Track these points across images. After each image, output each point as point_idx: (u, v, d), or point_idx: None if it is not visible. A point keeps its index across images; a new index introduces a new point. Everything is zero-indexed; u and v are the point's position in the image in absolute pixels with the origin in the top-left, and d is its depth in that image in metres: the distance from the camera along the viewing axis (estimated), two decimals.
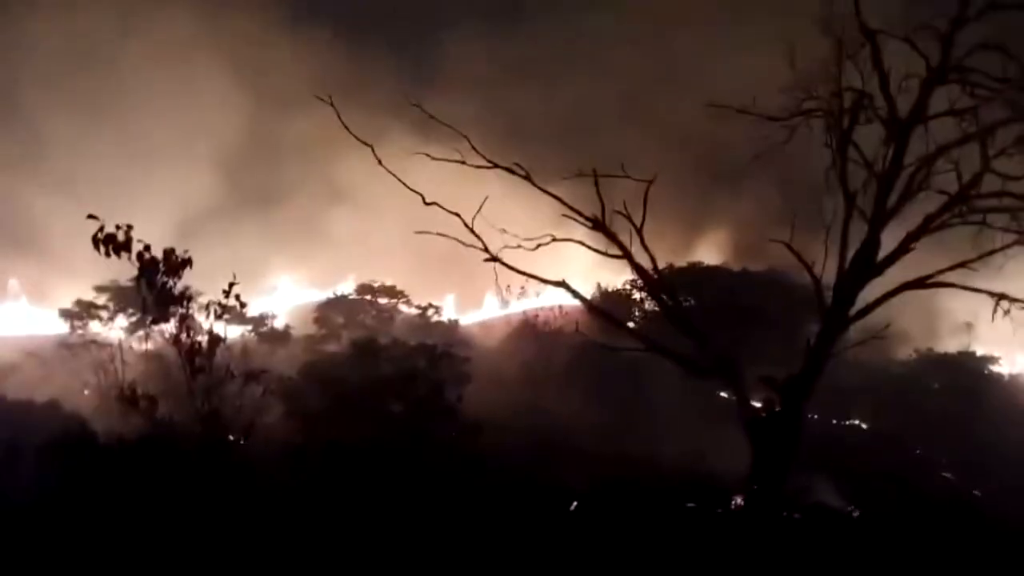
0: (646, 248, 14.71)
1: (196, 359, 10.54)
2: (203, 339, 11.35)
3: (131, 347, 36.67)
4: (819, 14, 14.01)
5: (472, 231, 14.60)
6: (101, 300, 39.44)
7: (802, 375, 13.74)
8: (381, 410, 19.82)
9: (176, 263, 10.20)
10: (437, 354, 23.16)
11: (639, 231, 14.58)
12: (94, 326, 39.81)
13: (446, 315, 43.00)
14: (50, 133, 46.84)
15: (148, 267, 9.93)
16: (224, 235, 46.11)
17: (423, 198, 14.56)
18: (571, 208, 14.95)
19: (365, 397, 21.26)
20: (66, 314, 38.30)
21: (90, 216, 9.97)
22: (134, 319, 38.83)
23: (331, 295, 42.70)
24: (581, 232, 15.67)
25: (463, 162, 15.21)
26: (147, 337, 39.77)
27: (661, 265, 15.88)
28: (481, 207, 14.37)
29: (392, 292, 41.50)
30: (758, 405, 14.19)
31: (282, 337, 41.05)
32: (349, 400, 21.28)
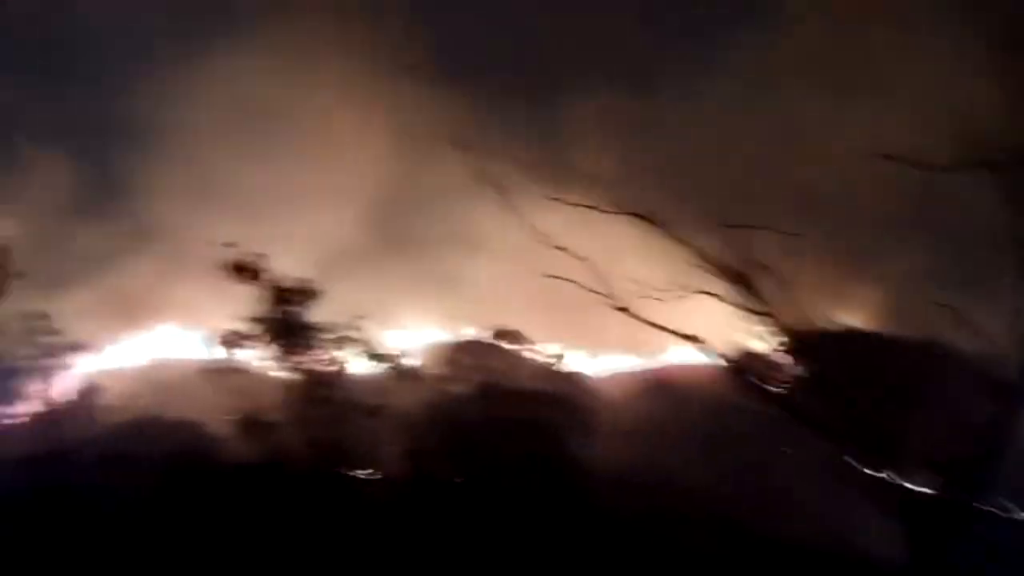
0: (791, 305, 13.78)
1: (318, 390, 10.62)
2: (331, 369, 11.44)
3: (272, 375, 38.47)
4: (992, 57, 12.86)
5: (600, 280, 14.24)
6: (247, 329, 41.58)
7: (974, 459, 12.26)
8: (497, 454, 19.50)
9: (304, 293, 10.38)
10: (558, 402, 22.63)
11: (784, 287, 13.69)
12: (242, 354, 41.95)
13: (573, 366, 42.42)
14: (214, 175, 50.35)
15: (278, 296, 10.16)
16: (363, 278, 47.88)
17: (549, 242, 14.38)
18: (709, 261, 14.30)
19: (482, 440, 21.09)
20: (215, 340, 40.65)
21: (226, 244, 10.35)
22: (275, 349, 40.78)
23: (461, 338, 43.17)
24: (718, 287, 15.01)
25: (595, 207, 15.00)
26: (284, 366, 42.26)
27: (806, 326, 14.86)
28: (612, 255, 14.00)
29: (519, 338, 41.44)
30: (915, 488, 12.77)
31: (414, 376, 41.79)
32: (466, 442, 21.25)
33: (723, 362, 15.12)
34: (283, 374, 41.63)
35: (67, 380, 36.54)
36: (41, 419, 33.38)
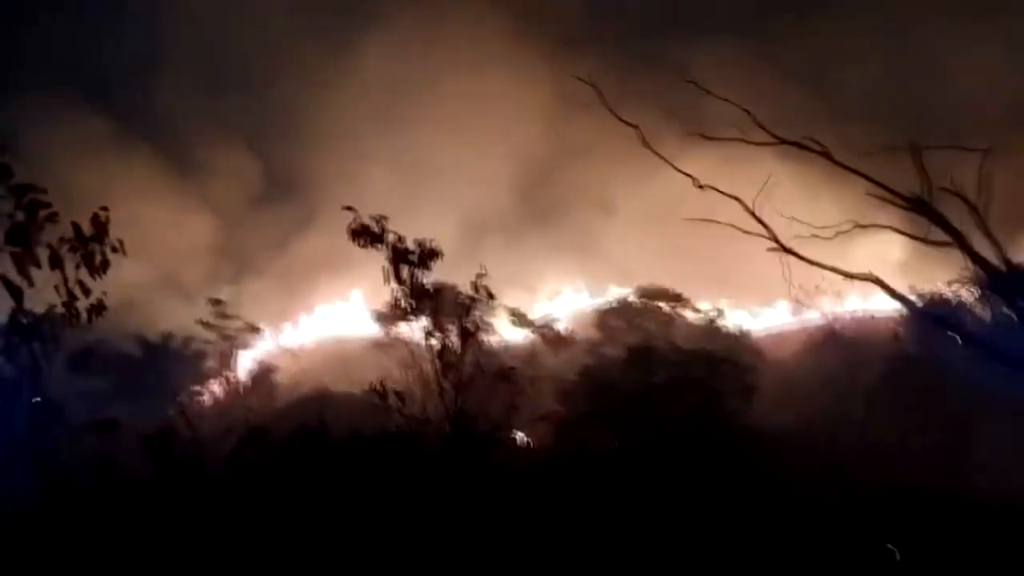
0: (988, 234, 11.56)
1: (445, 355, 9.90)
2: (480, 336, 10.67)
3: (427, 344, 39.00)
4: None
5: (755, 215, 12.56)
6: (404, 302, 42.26)
7: None
8: (651, 418, 18.23)
9: (427, 253, 9.64)
10: (716, 361, 21.01)
11: (977, 212, 11.49)
12: (401, 327, 42.68)
13: (732, 321, 40.04)
14: (370, 157, 51.79)
15: (399, 257, 9.50)
16: (508, 245, 47.77)
17: (695, 181, 12.88)
18: (882, 186, 12.25)
19: (635, 404, 19.86)
20: (378, 316, 41.64)
21: (346, 207, 9.80)
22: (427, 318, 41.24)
23: (612, 300, 41.85)
24: (895, 218, 12.92)
25: (744, 140, 13.26)
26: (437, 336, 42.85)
27: (1000, 260, 12.45)
28: (765, 185, 12.34)
29: (673, 297, 39.52)
30: None
31: (564, 341, 41.08)
32: (619, 406, 20.11)
33: (903, 306, 13.00)
34: (436, 343, 42.63)
35: (246, 360, 38.94)
36: (225, 397, 35.73)
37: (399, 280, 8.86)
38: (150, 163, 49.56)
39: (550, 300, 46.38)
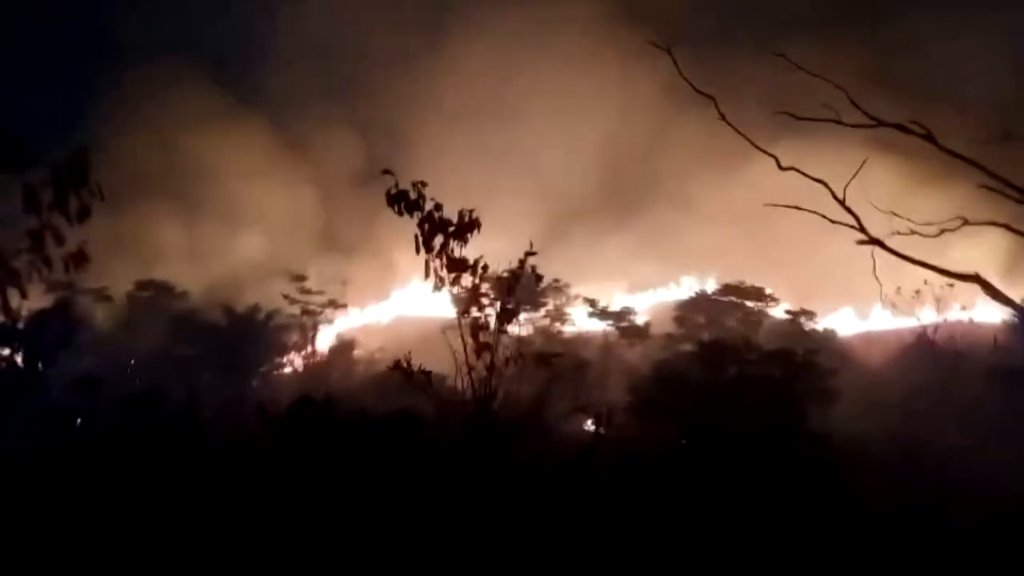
0: None
1: (480, 336, 9.02)
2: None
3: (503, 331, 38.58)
4: None
5: (843, 203, 11.14)
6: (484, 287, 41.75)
7: None
8: (719, 417, 16.87)
9: (465, 224, 8.74)
10: (795, 362, 19.36)
11: None
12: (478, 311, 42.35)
13: (818, 322, 37.78)
14: (462, 138, 51.81)
15: (436, 226, 8.66)
16: (591, 237, 46.81)
17: (778, 162, 11.53)
18: (998, 178, 10.62)
19: (704, 401, 18.51)
20: (455, 299, 41.31)
21: (385, 171, 9.04)
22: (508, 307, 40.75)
23: (692, 295, 40.27)
24: (1005, 213, 11.27)
25: (838, 121, 11.82)
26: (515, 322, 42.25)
27: None
28: (858, 171, 10.94)
29: (756, 294, 37.59)
30: None
31: (641, 333, 39.81)
32: (693, 403, 18.85)
33: (1012, 310, 11.34)
34: (514, 329, 42.05)
35: (327, 335, 39.36)
36: (305, 369, 36.18)
37: (428, 250, 7.98)
38: (262, 138, 51.17)
39: (630, 293, 45.18)
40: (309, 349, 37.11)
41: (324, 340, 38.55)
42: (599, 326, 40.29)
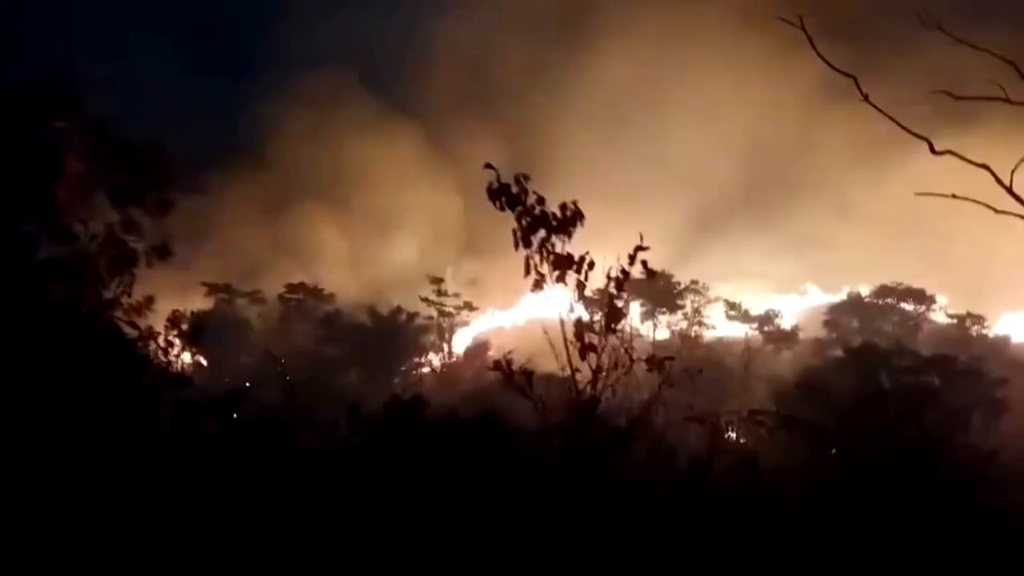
0: None
1: (586, 335, 8.40)
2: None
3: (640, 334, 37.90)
4: None
5: (1010, 191, 9.63)
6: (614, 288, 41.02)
7: None
8: (875, 430, 15.30)
9: (567, 218, 8.19)
10: (957, 370, 17.31)
11: None
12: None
13: (994, 329, 34.00)
14: (604, 145, 51.48)
15: (534, 221, 8.18)
16: (735, 237, 44.88)
17: (931, 145, 10.16)
18: None
19: (856, 412, 16.89)
20: (587, 301, 40.72)
21: (486, 165, 8.70)
22: (645, 308, 39.86)
23: (844, 298, 37.47)
24: None
25: (1006, 99, 10.28)
26: (654, 325, 41.18)
27: None
28: None
29: (920, 297, 34.34)
30: None
31: (788, 338, 37.57)
32: (841, 410, 17.30)
33: None
34: (653, 333, 40.80)
35: (463, 336, 39.94)
36: (443, 369, 36.85)
37: (527, 245, 7.47)
38: (412, 146, 53.24)
39: (776, 295, 42.75)
40: (446, 350, 37.78)
41: (461, 341, 39.19)
42: (741, 330, 38.44)
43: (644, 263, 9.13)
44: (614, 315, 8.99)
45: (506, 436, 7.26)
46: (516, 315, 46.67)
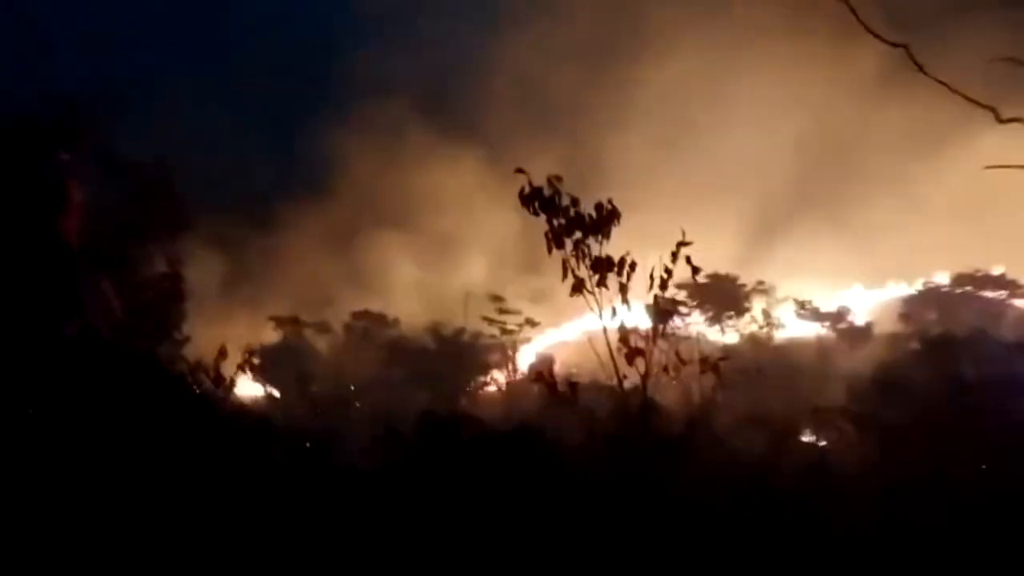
0: None
1: (631, 341, 8.02)
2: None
3: (706, 340, 37.09)
4: None
5: None
6: (681, 296, 40.22)
7: None
8: (958, 424, 14.27)
9: (603, 217, 7.87)
10: None
11: None
12: (679, 320, 40.69)
13: None
14: (657, 153, 50.84)
15: (570, 222, 7.88)
16: (800, 234, 43.50)
17: (996, 114, 9.42)
18: None
19: (937, 407, 15.84)
20: (649, 309, 39.95)
21: (518, 170, 8.46)
22: (710, 314, 38.94)
23: (919, 288, 35.75)
24: None
25: None
26: (719, 329, 40.05)
27: None
28: None
29: (1002, 283, 32.48)
30: None
31: (862, 334, 36.09)
32: (921, 408, 16.25)
33: None
34: (720, 338, 39.70)
35: (527, 353, 39.55)
36: (507, 387, 36.58)
37: (559, 246, 7.21)
38: (472, 171, 53.57)
39: (848, 292, 41.13)
40: (510, 367, 37.56)
41: (525, 358, 38.84)
42: (812, 329, 37.09)
43: (688, 259, 8.69)
44: (660, 316, 8.55)
45: (544, 448, 6.94)
46: (580, 328, 46.15)
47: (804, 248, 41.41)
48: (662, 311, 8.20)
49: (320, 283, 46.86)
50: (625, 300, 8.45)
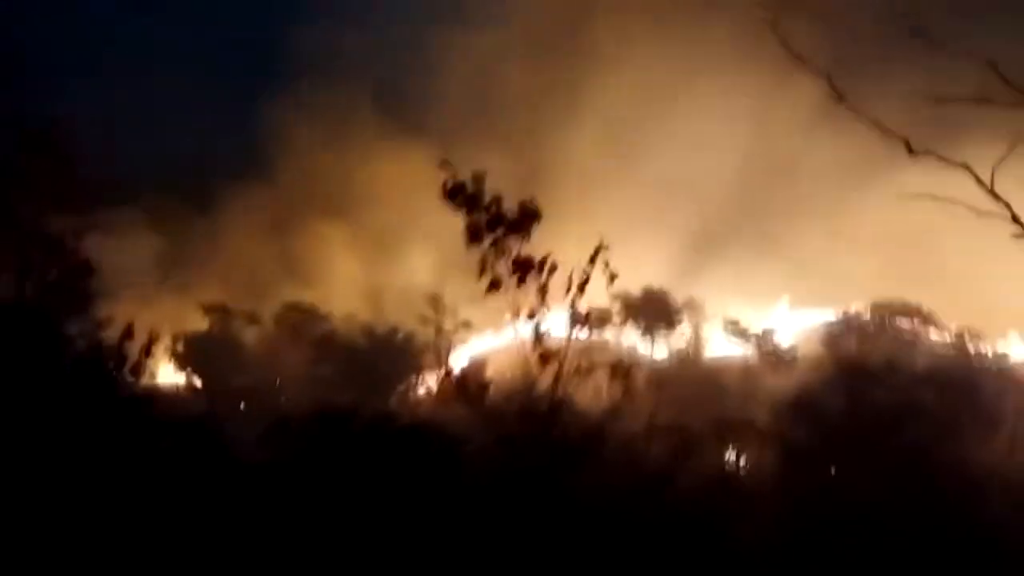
0: None
1: (543, 343, 7.96)
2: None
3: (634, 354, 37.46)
4: None
5: (991, 191, 9.14)
6: (615, 308, 40.33)
7: None
8: (864, 446, 14.74)
9: (525, 217, 7.77)
10: (952, 386, 16.73)
11: None
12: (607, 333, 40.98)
13: (1001, 348, 33.22)
14: (600, 169, 51.22)
15: (492, 221, 7.77)
16: (731, 258, 44.40)
17: (908, 146, 9.68)
18: None
19: (853, 430, 16.34)
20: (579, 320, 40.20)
21: (443, 163, 8.31)
22: (642, 327, 39.25)
23: (841, 316, 36.86)
24: None
25: (987, 100, 9.83)
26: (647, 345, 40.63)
27: None
28: (1009, 152, 8.91)
29: (917, 313, 33.71)
30: None
31: (783, 357, 36.98)
32: (834, 430, 16.72)
33: None
34: (646, 353, 40.20)
35: (461, 355, 39.19)
36: (439, 389, 36.13)
37: (477, 242, 7.07)
38: (418, 167, 52.57)
39: (773, 315, 42.16)
40: (442, 370, 37.15)
41: (458, 361, 38.50)
42: (739, 349, 37.84)
43: (607, 264, 8.64)
44: (576, 321, 8.50)
45: (438, 444, 6.80)
46: (517, 333, 45.97)
47: (735, 269, 42.30)
48: (578, 316, 8.15)
49: (257, 270, 45.50)
50: (544, 302, 8.38)
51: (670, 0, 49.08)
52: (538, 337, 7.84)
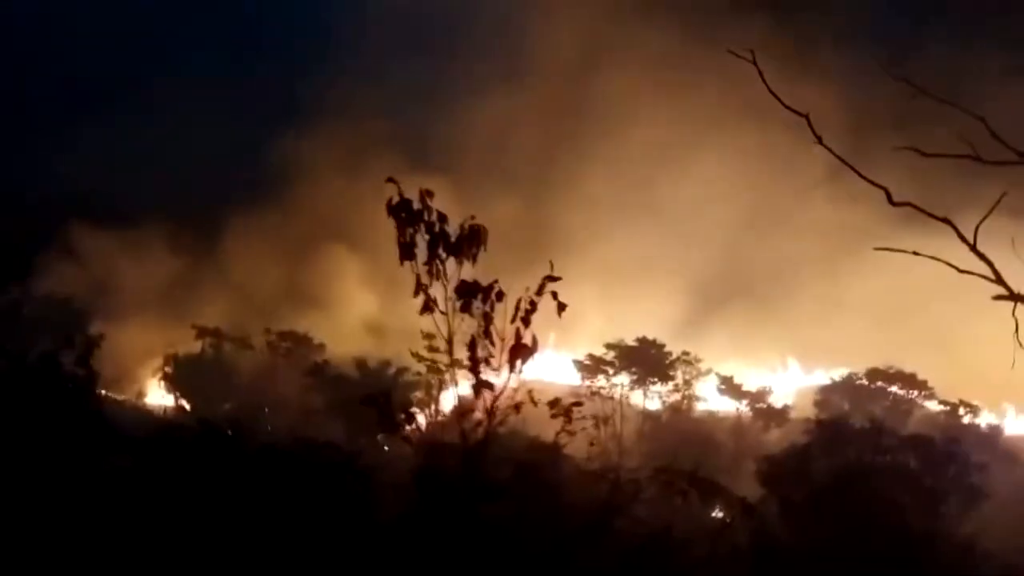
0: None
1: (480, 374, 7.38)
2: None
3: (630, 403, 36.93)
4: None
5: (974, 248, 8.59)
6: (609, 356, 39.92)
7: None
8: (847, 510, 13.98)
9: (468, 238, 7.26)
10: (935, 452, 15.96)
11: None
12: (601, 380, 40.47)
13: (987, 420, 32.42)
14: (609, 213, 51.16)
15: (435, 239, 7.28)
16: (729, 312, 43.92)
17: (889, 195, 9.18)
18: None
19: (832, 490, 15.60)
20: (579, 366, 39.61)
21: (389, 180, 7.86)
22: (635, 376, 38.66)
23: (836, 378, 36.22)
24: None
25: (976, 157, 9.37)
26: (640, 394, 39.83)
27: None
28: (994, 208, 8.39)
29: (910, 381, 33.02)
30: None
31: (778, 416, 36.23)
32: (818, 489, 16.01)
33: None
34: (640, 403, 39.43)
35: (451, 395, 38.43)
36: (430, 427, 35.39)
37: (409, 258, 6.57)
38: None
39: (770, 374, 41.43)
40: (433, 408, 36.48)
41: (449, 400, 37.87)
42: (733, 406, 37.08)
43: (555, 295, 8.06)
44: (518, 352, 7.90)
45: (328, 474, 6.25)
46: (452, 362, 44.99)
47: (733, 328, 41.77)
48: (523, 348, 7.57)
49: (263, 297, 45.31)
50: (487, 332, 7.81)
51: (676, 61, 49.49)
52: (474, 366, 7.27)
